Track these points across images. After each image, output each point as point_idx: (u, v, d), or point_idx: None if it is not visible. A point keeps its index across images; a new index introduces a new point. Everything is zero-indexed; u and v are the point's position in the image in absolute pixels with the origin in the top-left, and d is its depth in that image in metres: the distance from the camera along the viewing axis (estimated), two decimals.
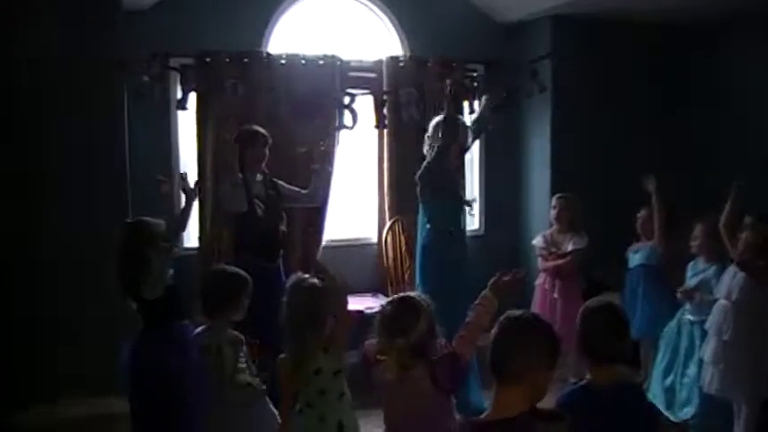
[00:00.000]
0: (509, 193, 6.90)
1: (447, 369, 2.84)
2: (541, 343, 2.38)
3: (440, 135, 5.08)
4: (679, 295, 5.08)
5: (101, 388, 4.91)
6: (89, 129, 5.17)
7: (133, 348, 3.89)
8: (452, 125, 5.12)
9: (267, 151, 5.02)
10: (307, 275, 3.38)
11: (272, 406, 3.66)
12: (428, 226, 5.13)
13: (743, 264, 4.37)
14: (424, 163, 5.14)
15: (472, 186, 6.67)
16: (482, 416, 2.40)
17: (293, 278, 3.36)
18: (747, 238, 4.48)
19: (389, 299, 3.03)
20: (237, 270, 3.76)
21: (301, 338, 3.16)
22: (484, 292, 3.14)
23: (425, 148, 5.20)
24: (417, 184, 5.14)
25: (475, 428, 2.38)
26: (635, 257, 5.64)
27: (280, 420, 3.41)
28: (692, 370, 4.99)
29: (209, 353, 3.55)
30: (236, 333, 3.65)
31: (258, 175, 5.02)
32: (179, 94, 5.54)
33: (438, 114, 5.26)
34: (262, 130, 5.03)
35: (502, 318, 2.45)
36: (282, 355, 3.23)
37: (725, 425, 4.72)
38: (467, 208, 5.35)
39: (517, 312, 2.45)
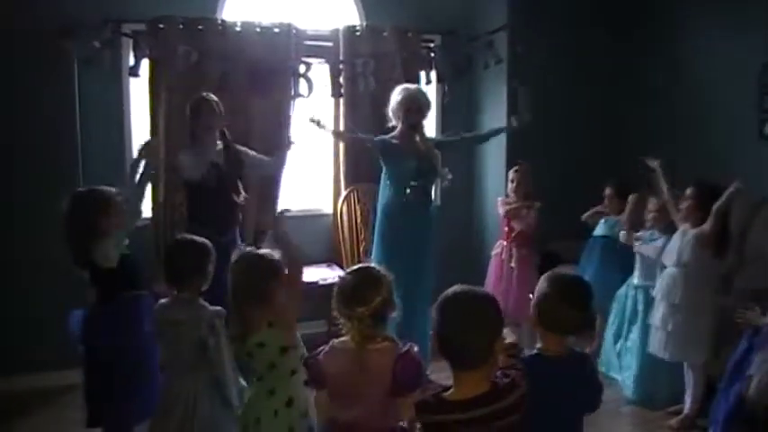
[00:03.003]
0: (464, 165, 6.88)
1: (409, 368, 2.81)
2: (495, 327, 2.41)
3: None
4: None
5: (51, 361, 4.90)
6: (38, 96, 5.10)
7: (87, 319, 3.83)
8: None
9: (218, 117, 4.90)
10: (251, 248, 3.33)
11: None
12: (387, 182, 5.21)
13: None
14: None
15: None
16: (446, 394, 2.41)
17: (237, 252, 3.30)
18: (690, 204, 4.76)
19: (349, 270, 3.00)
20: (201, 239, 3.66)
21: (245, 311, 3.11)
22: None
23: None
24: None
25: (442, 407, 2.38)
26: (602, 227, 5.77)
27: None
28: (634, 334, 5.13)
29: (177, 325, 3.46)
30: (217, 308, 3.49)
31: (218, 143, 4.93)
32: (131, 61, 5.42)
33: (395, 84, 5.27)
34: (210, 95, 4.92)
35: (445, 306, 2.44)
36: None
37: (663, 387, 4.90)
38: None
39: (461, 303, 2.44)
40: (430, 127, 5.85)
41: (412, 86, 5.34)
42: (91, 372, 3.84)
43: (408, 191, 5.17)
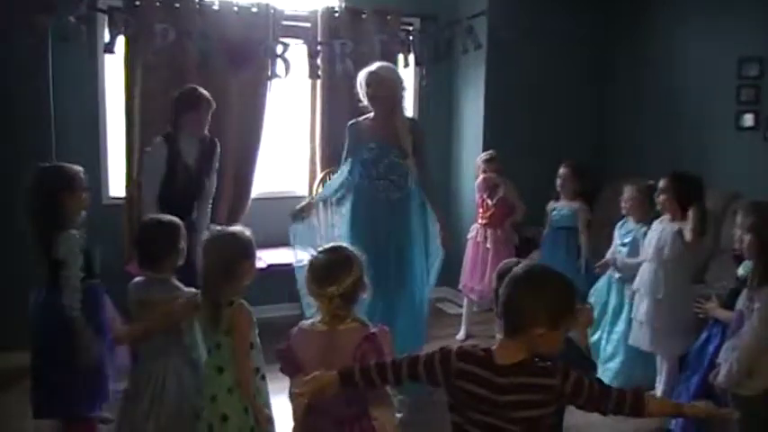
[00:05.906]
0: (441, 149, 6.89)
1: (369, 351, 2.78)
2: (548, 301, 2.35)
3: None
4: (597, 270, 5.28)
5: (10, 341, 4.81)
6: (11, 72, 5.02)
7: (38, 303, 3.73)
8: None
9: (209, 117, 4.80)
10: (221, 227, 3.30)
11: None
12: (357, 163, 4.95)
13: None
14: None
15: None
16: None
17: (209, 231, 3.29)
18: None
19: (321, 249, 2.97)
20: (170, 217, 3.59)
21: (215, 291, 3.10)
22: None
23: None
24: None
25: (482, 362, 2.39)
26: (561, 218, 5.72)
27: None
28: (620, 327, 5.10)
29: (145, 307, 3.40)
30: (192, 290, 3.40)
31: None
32: (107, 38, 5.32)
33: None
34: (206, 93, 4.79)
35: (513, 272, 2.42)
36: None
37: (647, 377, 4.90)
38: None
39: (527, 268, 2.43)
40: (407, 110, 5.78)
41: (380, 64, 4.86)
42: (37, 358, 3.72)
43: (379, 175, 4.87)
